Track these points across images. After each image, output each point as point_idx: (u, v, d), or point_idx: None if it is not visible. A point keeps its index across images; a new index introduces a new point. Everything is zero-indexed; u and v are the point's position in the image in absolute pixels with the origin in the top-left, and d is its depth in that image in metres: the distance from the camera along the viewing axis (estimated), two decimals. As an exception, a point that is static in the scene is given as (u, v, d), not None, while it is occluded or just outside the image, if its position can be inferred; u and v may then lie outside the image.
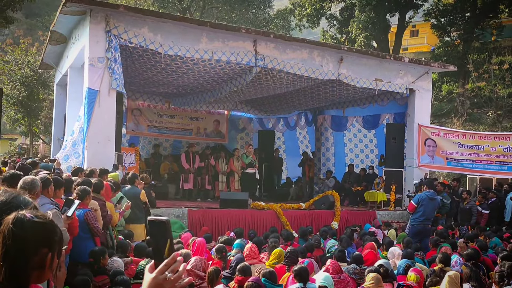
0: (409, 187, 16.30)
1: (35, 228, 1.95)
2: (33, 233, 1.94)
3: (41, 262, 1.96)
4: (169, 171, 18.51)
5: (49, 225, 2.01)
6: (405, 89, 16.81)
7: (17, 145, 38.10)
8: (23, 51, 28.67)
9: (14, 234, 1.91)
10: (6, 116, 29.42)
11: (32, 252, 1.94)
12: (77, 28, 13.71)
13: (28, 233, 1.93)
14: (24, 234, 1.92)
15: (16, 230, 1.92)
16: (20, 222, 1.94)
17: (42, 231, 1.97)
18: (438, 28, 33.50)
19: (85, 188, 7.36)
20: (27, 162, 9.37)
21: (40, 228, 1.97)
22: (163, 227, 2.00)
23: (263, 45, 14.19)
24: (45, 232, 1.99)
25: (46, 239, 1.98)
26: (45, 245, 1.97)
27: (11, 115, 30.34)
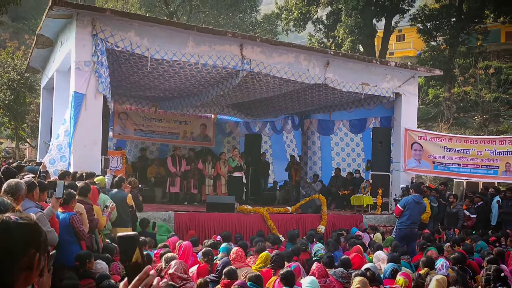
0: (396, 191, 16.36)
1: (21, 229, 1.96)
2: (20, 234, 1.95)
3: (29, 263, 1.96)
4: (155, 174, 18.46)
5: (34, 226, 2.01)
6: (391, 93, 16.89)
7: (3, 149, 37.80)
8: (9, 54, 28.48)
9: (0, 236, 1.91)
10: (-8, 119, 29.22)
11: (21, 252, 1.94)
12: (64, 31, 13.66)
13: (15, 234, 1.93)
14: (11, 236, 1.92)
15: (2, 232, 1.92)
16: (5, 224, 1.94)
17: (29, 232, 1.98)
18: (424, 33, 33.76)
19: (70, 191, 7.33)
20: (13, 166, 9.32)
21: (26, 229, 1.97)
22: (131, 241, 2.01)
23: (249, 49, 14.22)
24: (32, 233, 1.99)
25: (33, 240, 1.99)
26: (33, 246, 1.98)
27: (-3, 119, 30.13)
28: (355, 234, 12.90)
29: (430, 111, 33.21)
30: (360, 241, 11.40)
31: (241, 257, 8.27)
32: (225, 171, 17.30)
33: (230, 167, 17.04)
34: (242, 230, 13.29)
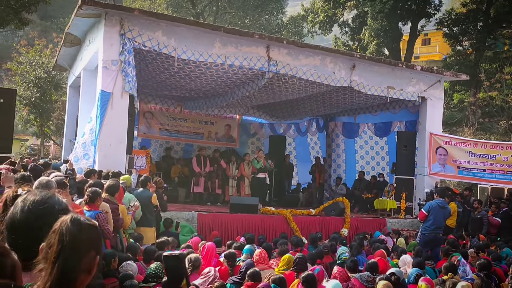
0: (420, 195, 16.24)
1: (89, 230, 2.01)
2: (87, 234, 1.99)
3: (89, 265, 1.99)
4: (179, 174, 18.52)
5: (98, 229, 2.08)
6: (417, 97, 16.77)
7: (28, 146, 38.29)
8: (37, 52, 28.85)
9: (71, 233, 1.95)
10: (19, 116, 29.61)
11: (84, 253, 1.98)
12: (92, 30, 13.80)
13: (83, 234, 1.98)
14: (80, 235, 1.97)
15: (74, 229, 1.96)
16: (77, 222, 1.98)
17: (94, 234, 2.03)
18: (450, 37, 33.47)
19: (96, 190, 7.39)
20: (40, 163, 9.44)
21: (92, 231, 2.02)
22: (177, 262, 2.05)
23: (276, 51, 14.22)
24: (96, 235, 2.05)
25: (95, 243, 2.04)
26: (94, 248, 2.02)
27: (23, 116, 30.53)
28: (378, 238, 12.81)
29: (455, 115, 32.88)
30: (384, 245, 11.31)
31: (265, 259, 8.26)
32: (249, 172, 17.31)
33: (254, 168, 17.03)
34: (265, 231, 13.28)
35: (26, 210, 2.18)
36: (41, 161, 10.43)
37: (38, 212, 2.16)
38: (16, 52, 31.55)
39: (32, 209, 2.18)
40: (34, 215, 2.14)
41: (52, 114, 29.96)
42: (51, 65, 23.31)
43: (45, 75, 27.91)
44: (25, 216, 2.16)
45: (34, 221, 2.08)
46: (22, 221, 2.15)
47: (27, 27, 27.85)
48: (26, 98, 28.14)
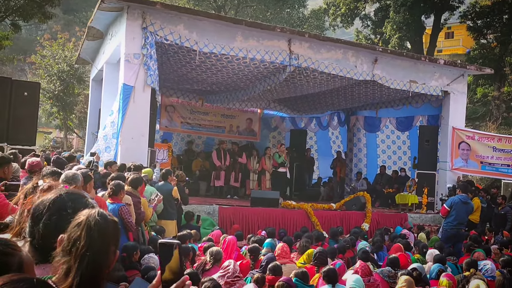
0: (442, 190, 16.10)
1: (113, 225, 2.03)
2: (112, 229, 2.01)
3: (111, 260, 2.01)
4: (200, 168, 18.60)
5: (118, 224, 2.09)
6: (439, 91, 16.60)
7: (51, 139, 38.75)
8: (60, 46, 29.16)
9: (101, 227, 1.97)
10: (42, 109, 29.96)
11: (110, 248, 2.00)
12: (114, 24, 13.88)
13: (110, 228, 2.00)
14: (108, 229, 1.99)
15: (102, 223, 1.98)
16: (104, 217, 2.01)
17: (116, 230, 2.05)
18: (474, 30, 33.03)
19: (119, 183, 7.43)
20: (64, 156, 9.53)
21: (115, 226, 2.05)
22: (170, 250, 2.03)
23: (297, 45, 14.17)
24: (118, 231, 2.07)
25: (117, 238, 2.06)
26: (115, 243, 2.04)
27: (47, 109, 30.89)
28: (400, 233, 12.74)
29: (478, 110, 32.50)
30: (405, 240, 11.24)
31: (286, 253, 8.26)
32: (270, 166, 17.30)
33: (276, 162, 17.01)
34: (285, 225, 13.28)
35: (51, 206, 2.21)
36: (66, 153, 10.53)
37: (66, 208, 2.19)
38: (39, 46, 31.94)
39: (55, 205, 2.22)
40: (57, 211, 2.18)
41: (75, 107, 30.28)
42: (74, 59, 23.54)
43: (68, 68, 28.22)
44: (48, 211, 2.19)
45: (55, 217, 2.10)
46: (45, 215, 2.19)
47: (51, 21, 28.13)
48: (49, 91, 28.49)
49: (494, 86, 32.55)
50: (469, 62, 27.22)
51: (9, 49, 30.57)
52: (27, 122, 11.90)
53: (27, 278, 1.60)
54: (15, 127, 11.64)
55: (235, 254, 8.50)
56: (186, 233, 9.08)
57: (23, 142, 11.63)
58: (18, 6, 22.06)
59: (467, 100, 20.56)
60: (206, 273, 6.97)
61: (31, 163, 6.86)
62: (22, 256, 1.80)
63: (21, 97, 11.82)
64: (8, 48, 29.33)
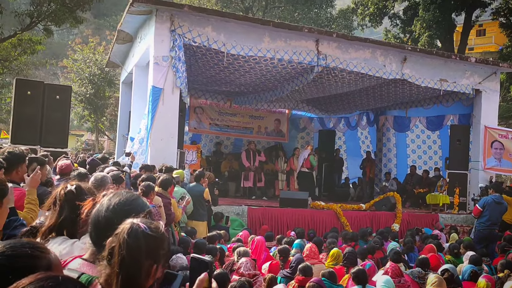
0: (474, 190, 15.85)
1: (147, 240, 2.03)
2: (145, 245, 2.02)
3: (148, 273, 2.04)
4: (229, 169, 18.68)
5: (159, 238, 2.08)
6: (471, 90, 16.36)
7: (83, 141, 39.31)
8: (91, 50, 29.58)
9: (128, 244, 1.99)
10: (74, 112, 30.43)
11: (143, 263, 2.02)
12: (143, 27, 14.02)
13: (141, 245, 2.01)
14: (138, 245, 2.00)
15: (130, 240, 1.99)
16: (134, 233, 2.02)
17: (152, 244, 2.05)
18: (507, 27, 32.43)
19: (149, 184, 7.50)
20: (98, 157, 9.67)
21: (151, 241, 2.04)
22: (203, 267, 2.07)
23: (325, 45, 14.12)
24: (154, 245, 2.06)
25: (153, 252, 2.06)
26: (151, 258, 2.05)
27: (79, 112, 31.36)
28: (431, 234, 12.58)
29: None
30: (437, 241, 11.09)
31: (315, 254, 8.22)
32: (299, 166, 17.25)
33: (310, 163, 16.90)
34: (315, 226, 13.25)
35: (111, 209, 2.26)
36: (99, 155, 10.68)
37: (121, 212, 2.22)
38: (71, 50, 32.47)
39: (116, 209, 2.26)
40: (116, 215, 2.21)
41: (106, 110, 30.67)
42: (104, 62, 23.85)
43: (99, 72, 28.60)
44: (108, 215, 2.24)
45: (116, 221, 2.13)
46: (105, 219, 2.24)
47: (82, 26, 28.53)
48: (81, 94, 28.92)
49: (528, 84, 31.93)
50: (501, 59, 26.76)
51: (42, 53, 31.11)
52: (59, 124, 12.08)
53: (52, 276, 1.64)
54: (48, 129, 11.83)
55: (264, 255, 8.51)
56: (215, 234, 9.13)
57: (55, 144, 11.81)
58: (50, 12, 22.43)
59: (500, 98, 20.23)
60: (234, 273, 6.99)
61: (61, 166, 6.96)
62: (51, 259, 1.84)
63: (53, 100, 12.01)
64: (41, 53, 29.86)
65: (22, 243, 1.82)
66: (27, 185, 4.87)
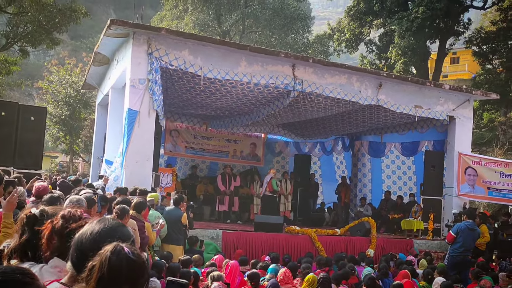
0: (448, 216, 15.95)
1: (129, 263, 2.01)
2: (126, 267, 2.01)
3: None
4: (204, 192, 18.60)
5: (141, 266, 2.06)
6: (445, 116, 16.56)
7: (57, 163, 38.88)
8: (68, 71, 29.41)
9: (110, 262, 1.98)
10: (49, 134, 30.12)
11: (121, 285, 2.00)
12: (120, 50, 14.00)
13: (122, 267, 2.00)
14: (119, 265, 1.99)
15: (113, 258, 1.99)
16: (117, 253, 2.01)
17: (133, 269, 2.03)
18: (479, 56, 33.13)
19: (124, 207, 7.40)
20: (71, 180, 9.55)
21: (132, 266, 2.02)
22: None
23: (301, 70, 14.22)
24: (135, 271, 2.03)
25: (133, 278, 2.03)
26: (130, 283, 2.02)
27: (54, 133, 31.04)
28: (406, 259, 12.61)
29: (485, 135, 32.39)
30: (411, 267, 11.12)
31: (289, 279, 8.19)
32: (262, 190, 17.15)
33: (272, 188, 16.79)
34: (290, 250, 13.20)
35: (95, 233, 2.24)
36: (72, 177, 10.55)
37: (105, 237, 2.20)
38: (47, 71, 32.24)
39: (101, 233, 2.24)
40: (101, 239, 2.19)
41: (81, 132, 30.43)
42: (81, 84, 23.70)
43: (75, 93, 28.43)
44: (93, 238, 2.22)
45: (100, 245, 2.10)
46: (88, 242, 2.22)
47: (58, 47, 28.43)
48: (56, 116, 28.67)
49: (501, 112, 32.51)
50: (475, 87, 27.24)
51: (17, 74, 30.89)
52: (33, 146, 11.97)
53: None
54: (22, 151, 11.71)
55: (238, 279, 8.44)
56: (189, 258, 9.04)
57: (29, 166, 11.68)
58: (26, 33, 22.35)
59: (474, 125, 20.54)
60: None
61: (38, 188, 6.86)
62: (40, 285, 1.84)
63: (28, 122, 11.90)
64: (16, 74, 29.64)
65: (12, 269, 1.81)
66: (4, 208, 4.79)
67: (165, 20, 37.58)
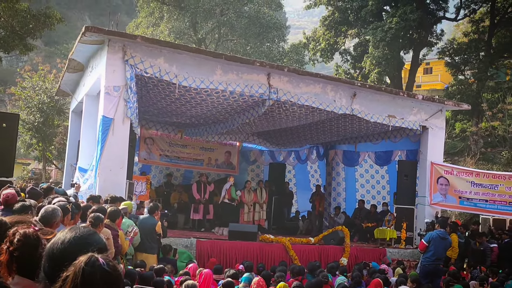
0: (421, 225, 16.12)
1: (103, 274, 1.98)
2: (99, 278, 1.98)
3: None
4: (179, 200, 18.52)
5: (116, 277, 2.03)
6: (418, 126, 16.77)
7: (30, 170, 38.33)
8: (41, 77, 29.05)
9: (84, 272, 1.95)
10: (21, 141, 29.66)
11: None
12: (95, 57, 13.91)
13: (96, 276, 1.97)
14: (93, 276, 1.96)
15: (87, 269, 1.96)
16: (92, 264, 1.98)
17: (107, 281, 2.00)
18: (452, 66, 33.67)
19: (98, 215, 7.35)
20: (43, 187, 9.43)
21: (106, 277, 1.99)
22: None
23: (276, 79, 14.29)
24: (109, 283, 2.00)
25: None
26: None
27: (26, 140, 30.61)
28: (379, 268, 12.70)
29: (457, 145, 32.82)
30: (384, 275, 11.20)
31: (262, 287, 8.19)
32: (249, 199, 17.21)
33: (230, 195, 16.74)
34: (264, 259, 13.20)
35: (67, 242, 2.20)
36: (44, 185, 10.41)
37: (77, 246, 2.17)
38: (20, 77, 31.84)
39: (72, 242, 2.21)
40: (72, 248, 2.16)
41: (54, 139, 30.04)
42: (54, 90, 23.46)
43: (48, 100, 28.07)
44: (64, 247, 2.18)
45: (71, 254, 2.08)
46: (60, 251, 2.18)
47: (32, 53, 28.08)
48: (29, 122, 28.27)
49: (472, 122, 33.00)
50: (447, 97, 27.69)
51: (-11, 80, 30.49)
52: (5, 153, 11.75)
53: None
54: (-7, 158, 11.49)
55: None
56: (162, 267, 8.99)
57: (0, 173, 11.48)
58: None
59: (446, 135, 20.82)
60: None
61: (6, 196, 6.75)
62: None
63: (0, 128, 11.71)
64: (-12, 79, 29.26)
65: None
66: None
67: (141, 27, 37.41)
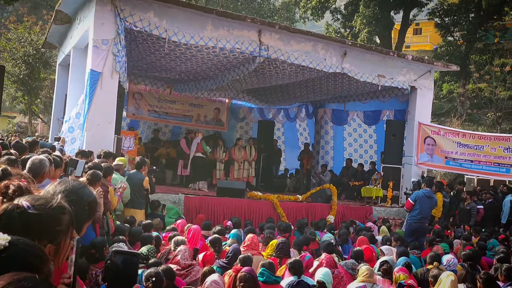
0: (407, 184, 16.30)
1: (28, 219, 1.86)
2: (29, 226, 1.85)
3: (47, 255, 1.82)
4: (166, 156, 18.49)
5: (48, 216, 1.91)
6: (407, 86, 16.79)
7: (15, 123, 38.05)
8: (27, 29, 28.49)
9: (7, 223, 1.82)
10: (6, 93, 29.31)
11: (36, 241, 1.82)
12: (83, 9, 13.64)
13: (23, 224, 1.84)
14: (15, 227, 1.81)
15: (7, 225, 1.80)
16: (8, 215, 1.85)
17: (40, 223, 1.88)
18: (441, 28, 33.56)
19: (98, 173, 7.28)
20: (28, 141, 9.34)
21: (36, 220, 1.87)
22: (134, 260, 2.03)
23: (267, 36, 14.15)
24: (44, 223, 1.89)
25: (45, 231, 1.89)
26: (44, 237, 1.88)
27: (11, 93, 30.25)
28: (365, 226, 12.87)
29: (444, 106, 33.00)
30: (370, 233, 11.36)
31: (256, 245, 8.24)
32: (240, 156, 17.24)
33: (202, 149, 16.33)
34: (252, 216, 13.31)
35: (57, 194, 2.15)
36: (29, 139, 10.32)
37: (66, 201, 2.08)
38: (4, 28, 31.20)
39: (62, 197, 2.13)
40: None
41: (41, 92, 29.73)
42: (41, 43, 23.10)
43: (34, 52, 27.61)
44: None
45: None
46: None
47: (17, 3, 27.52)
48: (14, 75, 27.88)
49: (460, 83, 33.11)
50: (435, 58, 27.63)
51: (-28, 30, 29.89)
52: (-10, 106, 11.63)
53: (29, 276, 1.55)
54: (-23, 111, 11.36)
55: (200, 244, 8.47)
56: (150, 222, 9.01)
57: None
58: (-18, -13, 21.56)
59: (433, 96, 20.87)
60: (169, 262, 6.95)
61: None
62: None
63: (-16, 80, 11.53)
64: (-29, 30, 28.68)
65: None
66: None
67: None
